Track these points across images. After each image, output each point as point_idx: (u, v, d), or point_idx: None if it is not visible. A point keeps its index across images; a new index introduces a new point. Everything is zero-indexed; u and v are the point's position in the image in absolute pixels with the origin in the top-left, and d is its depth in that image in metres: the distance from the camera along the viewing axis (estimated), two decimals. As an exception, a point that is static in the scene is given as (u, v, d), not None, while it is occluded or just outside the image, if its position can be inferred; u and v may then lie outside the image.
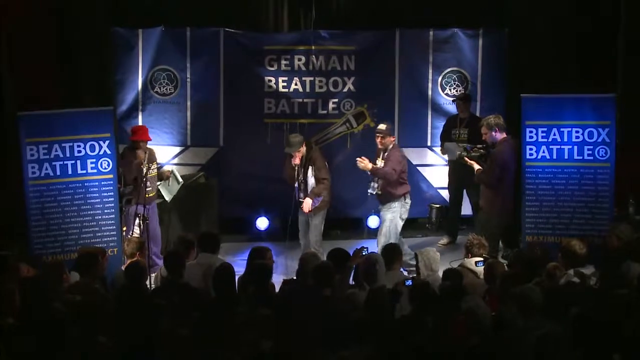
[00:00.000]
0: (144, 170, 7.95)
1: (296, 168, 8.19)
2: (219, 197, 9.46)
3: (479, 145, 8.10)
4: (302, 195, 8.28)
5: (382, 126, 8.41)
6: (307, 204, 8.16)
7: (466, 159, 8.07)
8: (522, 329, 5.09)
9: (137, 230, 7.88)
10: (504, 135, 7.94)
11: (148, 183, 7.96)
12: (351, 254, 6.41)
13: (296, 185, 8.29)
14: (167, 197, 8.51)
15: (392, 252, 6.54)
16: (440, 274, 6.31)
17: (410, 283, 5.80)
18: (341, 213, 9.84)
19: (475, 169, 8.01)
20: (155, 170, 8.36)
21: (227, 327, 5.17)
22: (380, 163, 8.35)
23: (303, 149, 8.18)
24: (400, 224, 8.43)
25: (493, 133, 7.93)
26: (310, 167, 8.21)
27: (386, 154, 8.34)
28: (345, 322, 5.10)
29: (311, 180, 8.23)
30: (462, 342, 4.96)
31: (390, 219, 8.30)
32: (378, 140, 8.37)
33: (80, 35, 9.35)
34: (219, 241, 6.87)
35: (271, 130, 9.73)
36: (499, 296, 5.70)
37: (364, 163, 8.17)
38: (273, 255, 6.56)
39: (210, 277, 6.05)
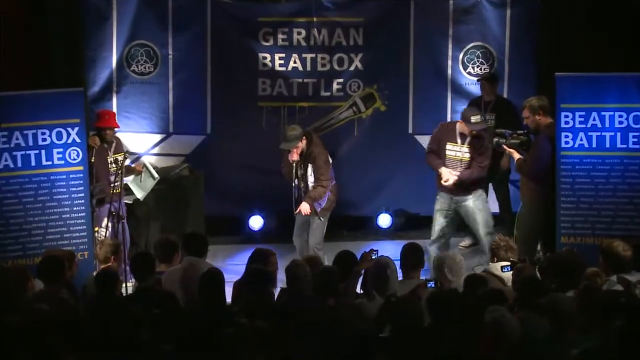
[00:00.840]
0: (115, 161, 7.96)
1: (294, 165, 8.16)
2: (205, 192, 9.46)
3: (519, 131, 8.06)
4: (302, 194, 8.23)
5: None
6: (305, 208, 8.13)
7: (505, 146, 8.02)
8: (557, 345, 5.07)
9: (109, 230, 7.89)
10: (549, 119, 7.90)
11: (115, 177, 7.99)
12: (359, 257, 6.40)
13: (295, 183, 8.26)
14: (139, 195, 8.48)
15: (411, 254, 6.48)
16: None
17: (433, 285, 5.78)
18: (347, 210, 9.84)
19: (516, 159, 7.97)
20: (124, 162, 8.35)
21: (215, 342, 5.15)
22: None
23: (302, 144, 8.12)
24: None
25: (537, 117, 7.90)
26: (310, 165, 8.18)
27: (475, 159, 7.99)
28: (352, 337, 5.08)
29: (311, 179, 8.20)
30: (487, 359, 4.94)
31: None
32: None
33: (47, 5, 9.32)
34: (206, 243, 6.86)
35: (266, 114, 9.72)
36: (520, 304, 5.67)
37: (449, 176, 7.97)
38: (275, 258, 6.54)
39: (196, 285, 6.02)
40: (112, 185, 7.89)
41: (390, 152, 9.87)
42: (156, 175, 8.47)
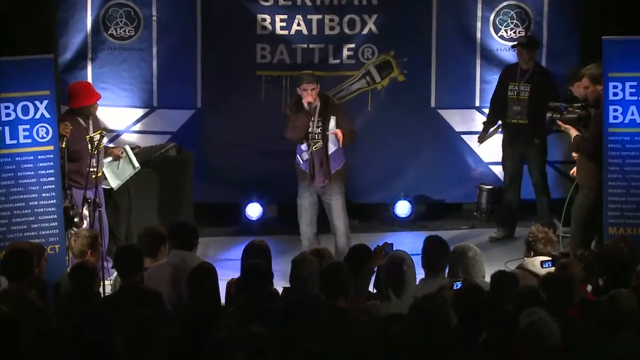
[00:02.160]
0: (90, 140, 7.98)
1: (310, 112, 8.10)
2: (195, 176, 9.47)
3: (576, 104, 8.04)
4: (321, 160, 8.15)
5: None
6: (339, 133, 8.13)
7: (560, 122, 8.00)
8: (606, 351, 5.08)
9: (85, 220, 7.89)
10: None
11: (91, 160, 7.97)
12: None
13: (304, 145, 8.18)
14: (113, 184, 8.48)
15: (433, 249, 6.47)
16: (486, 277, 6.28)
17: (459, 286, 5.79)
18: (359, 197, 9.86)
19: (573, 136, 7.96)
20: (102, 142, 8.32)
21: (206, 349, 5.18)
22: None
23: (318, 88, 8.21)
24: None
25: (598, 87, 7.86)
26: (332, 118, 8.18)
27: None
28: (364, 343, 5.09)
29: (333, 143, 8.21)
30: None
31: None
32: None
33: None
34: (196, 235, 6.87)
35: (266, 85, 9.71)
36: (564, 304, 5.68)
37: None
38: (270, 252, 6.56)
39: (185, 283, 6.04)
40: (89, 169, 7.88)
41: (410, 129, 9.87)
42: (137, 164, 8.43)
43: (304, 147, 8.27)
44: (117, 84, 9.74)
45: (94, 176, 8.02)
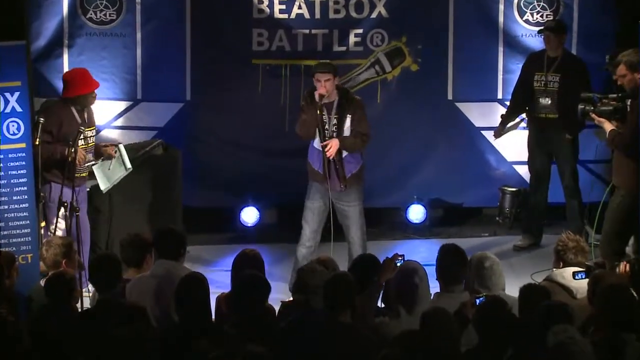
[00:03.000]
0: (85, 135, 7.98)
1: (321, 107, 8.00)
2: (184, 176, 9.44)
3: (611, 95, 8.02)
4: (333, 161, 8.05)
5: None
6: (334, 143, 7.98)
7: (593, 115, 7.99)
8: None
9: (62, 225, 7.88)
10: None
11: (76, 157, 7.94)
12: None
13: (316, 141, 8.09)
14: (103, 186, 8.46)
15: (451, 259, 6.40)
16: (511, 291, 6.25)
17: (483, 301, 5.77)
18: (368, 201, 9.76)
19: (608, 130, 7.94)
20: (93, 139, 8.32)
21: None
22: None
23: (334, 80, 8.09)
24: None
25: (637, 75, 7.85)
26: (348, 117, 8.10)
27: None
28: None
29: (347, 134, 8.08)
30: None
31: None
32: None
33: None
34: (184, 243, 6.86)
35: (263, 76, 9.71)
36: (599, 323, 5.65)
37: None
38: (265, 263, 6.54)
39: (171, 296, 6.02)
40: (69, 161, 7.87)
41: (424, 125, 9.87)
42: (129, 164, 8.41)
43: (316, 143, 8.14)
44: (97, 74, 9.61)
45: (77, 175, 8.02)
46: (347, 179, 8.10)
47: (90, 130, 8.23)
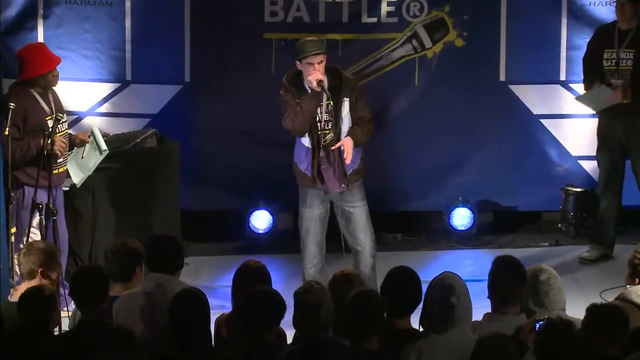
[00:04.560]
0: (56, 121, 7.99)
1: (321, 92, 7.97)
2: (183, 174, 9.47)
3: None
4: (331, 156, 8.05)
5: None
6: (347, 143, 7.92)
7: None
8: None
9: (36, 231, 7.91)
10: None
11: (55, 148, 7.96)
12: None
13: (306, 139, 8.05)
14: (77, 178, 8.46)
15: (504, 273, 6.40)
16: (576, 312, 6.23)
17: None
18: (402, 204, 9.87)
19: None
20: (65, 126, 8.32)
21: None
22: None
23: (325, 59, 8.01)
24: None
25: None
26: (346, 100, 8.07)
27: None
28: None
29: (345, 121, 8.03)
30: None
31: None
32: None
33: None
34: (181, 253, 6.86)
35: (277, 53, 9.74)
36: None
37: None
38: (278, 278, 6.55)
39: (164, 316, 6.01)
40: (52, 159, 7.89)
41: (471, 112, 9.85)
42: (104, 146, 8.41)
43: (305, 141, 8.09)
44: (78, 50, 9.77)
45: (56, 170, 8.03)
46: (347, 176, 8.06)
47: (61, 115, 8.21)
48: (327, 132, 8.03)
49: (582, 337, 5.60)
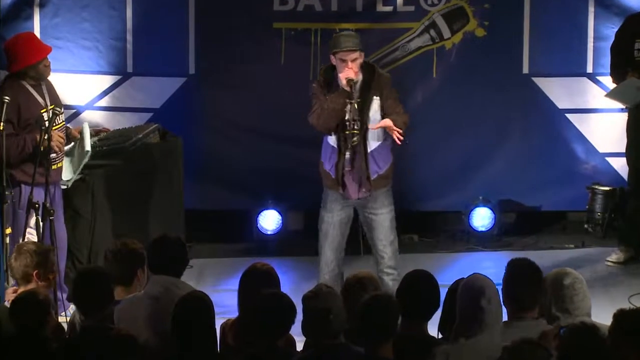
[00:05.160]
0: (53, 114, 8.00)
1: (350, 91, 7.93)
2: (186, 171, 9.47)
3: None
4: (356, 155, 8.01)
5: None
6: (388, 124, 7.82)
7: None
8: None
9: (32, 231, 7.93)
10: None
11: (52, 143, 7.98)
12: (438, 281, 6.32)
13: (332, 139, 8.05)
14: (66, 175, 8.47)
15: (522, 277, 6.40)
16: (603, 318, 6.26)
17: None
18: (420, 203, 9.90)
19: None
20: (62, 118, 8.36)
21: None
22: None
23: (362, 57, 7.99)
24: None
25: None
26: (375, 98, 8.07)
27: None
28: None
29: (373, 120, 7.94)
30: None
31: None
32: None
33: None
34: (185, 254, 6.89)
35: (287, 43, 9.77)
36: None
37: None
38: (287, 281, 6.58)
39: (168, 320, 6.02)
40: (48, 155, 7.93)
41: (492, 106, 9.88)
42: (88, 146, 8.35)
43: (332, 140, 8.10)
44: (76, 40, 9.79)
45: (54, 166, 8.07)
46: (372, 182, 8.02)
47: (55, 108, 8.22)
48: (356, 132, 7.98)
49: (608, 344, 5.65)
